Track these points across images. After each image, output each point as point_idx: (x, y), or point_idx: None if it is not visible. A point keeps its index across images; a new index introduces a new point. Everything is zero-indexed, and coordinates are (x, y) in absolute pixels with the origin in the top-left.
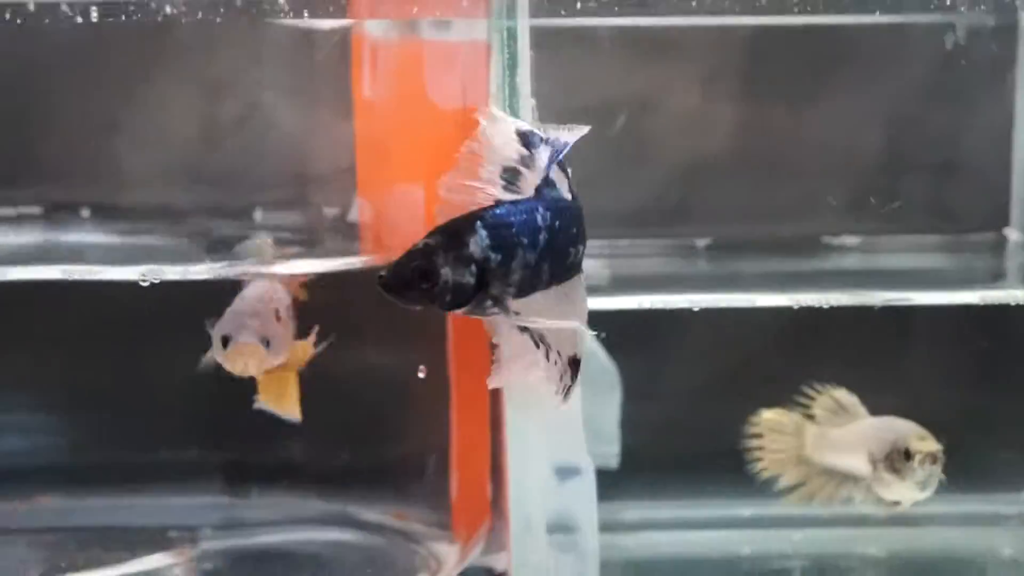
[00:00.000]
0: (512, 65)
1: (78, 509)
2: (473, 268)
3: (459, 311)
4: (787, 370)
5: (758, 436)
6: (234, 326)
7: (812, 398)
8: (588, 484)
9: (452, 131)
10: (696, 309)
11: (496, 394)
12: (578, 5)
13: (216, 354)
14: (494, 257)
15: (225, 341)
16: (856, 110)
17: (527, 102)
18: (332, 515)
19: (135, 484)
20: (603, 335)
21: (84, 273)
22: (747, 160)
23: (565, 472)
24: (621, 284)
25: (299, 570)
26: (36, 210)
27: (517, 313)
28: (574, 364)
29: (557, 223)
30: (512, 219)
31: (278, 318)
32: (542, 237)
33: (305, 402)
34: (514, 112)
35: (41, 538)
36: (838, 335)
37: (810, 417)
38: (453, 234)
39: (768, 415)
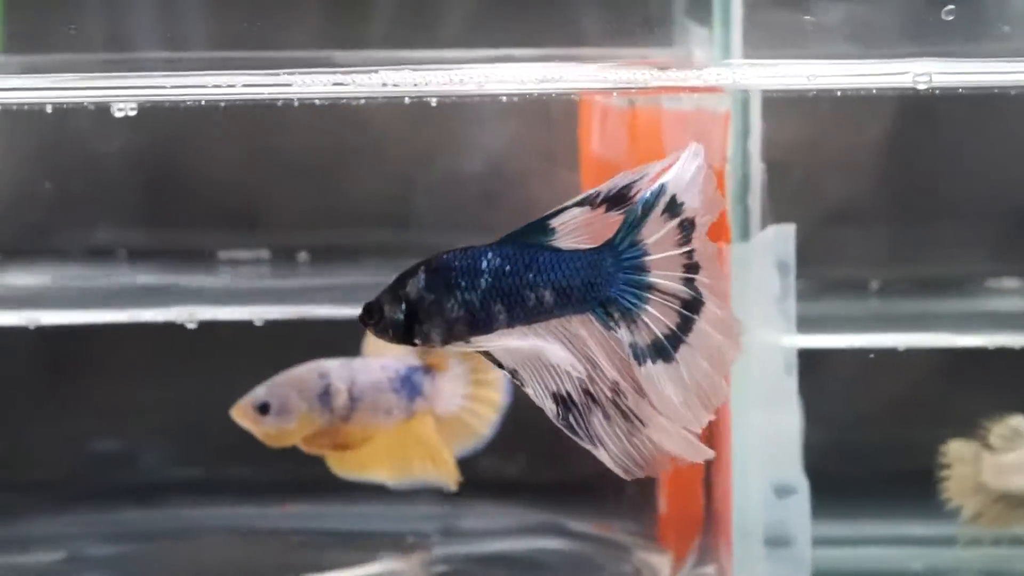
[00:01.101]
0: (745, 132)
1: (322, 514)
2: (403, 306)
3: (413, 343)
4: (962, 403)
5: (945, 466)
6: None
7: (988, 428)
8: (804, 502)
9: None
10: (888, 348)
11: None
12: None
13: None
14: (427, 297)
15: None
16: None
17: (758, 166)
18: (543, 525)
19: (366, 493)
20: None
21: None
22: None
23: (783, 490)
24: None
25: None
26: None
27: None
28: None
29: (507, 268)
30: (454, 264)
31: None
32: (483, 280)
33: (518, 418)
34: (747, 176)
35: (288, 540)
36: (1003, 372)
37: (987, 446)
38: (401, 277)
39: (951, 445)
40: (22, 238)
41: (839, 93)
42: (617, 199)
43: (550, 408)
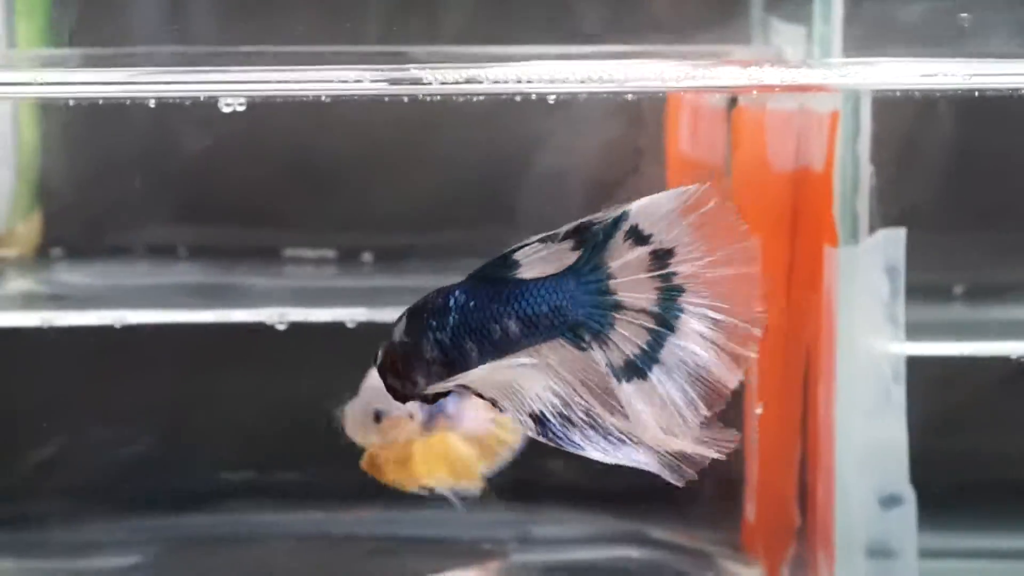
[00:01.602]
0: (855, 133)
1: (394, 520)
2: (396, 350)
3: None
4: None
5: None
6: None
7: None
8: (910, 513)
9: (785, 190)
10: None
11: (812, 423)
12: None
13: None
14: (406, 341)
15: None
16: None
17: (867, 168)
18: (622, 532)
19: (439, 498)
20: None
21: None
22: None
23: (889, 501)
24: None
25: None
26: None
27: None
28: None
29: (472, 303)
30: (427, 305)
31: None
32: (451, 318)
33: None
34: (856, 178)
35: (361, 546)
36: None
37: None
38: (397, 321)
39: None
40: (94, 235)
41: (948, 93)
42: (579, 233)
43: (529, 426)
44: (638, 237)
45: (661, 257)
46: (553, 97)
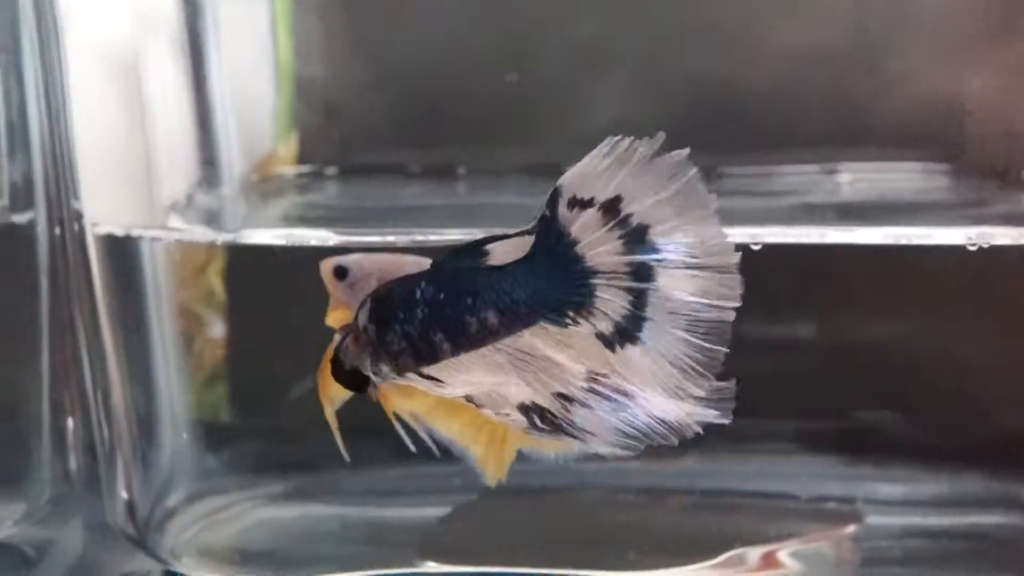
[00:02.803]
0: None
1: (714, 472)
2: (360, 336)
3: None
4: None
5: None
6: None
7: None
8: None
9: None
10: None
11: None
12: None
13: None
14: (371, 328)
15: None
16: None
17: None
18: (990, 494)
19: (769, 445)
20: None
21: None
22: None
23: None
24: None
25: (976, 555)
26: None
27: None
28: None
29: (442, 295)
30: (393, 294)
31: None
32: (420, 311)
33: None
34: None
35: (678, 501)
36: None
37: None
38: (361, 305)
39: None
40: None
41: None
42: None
43: (520, 420)
44: (581, 204)
45: (611, 209)
46: None
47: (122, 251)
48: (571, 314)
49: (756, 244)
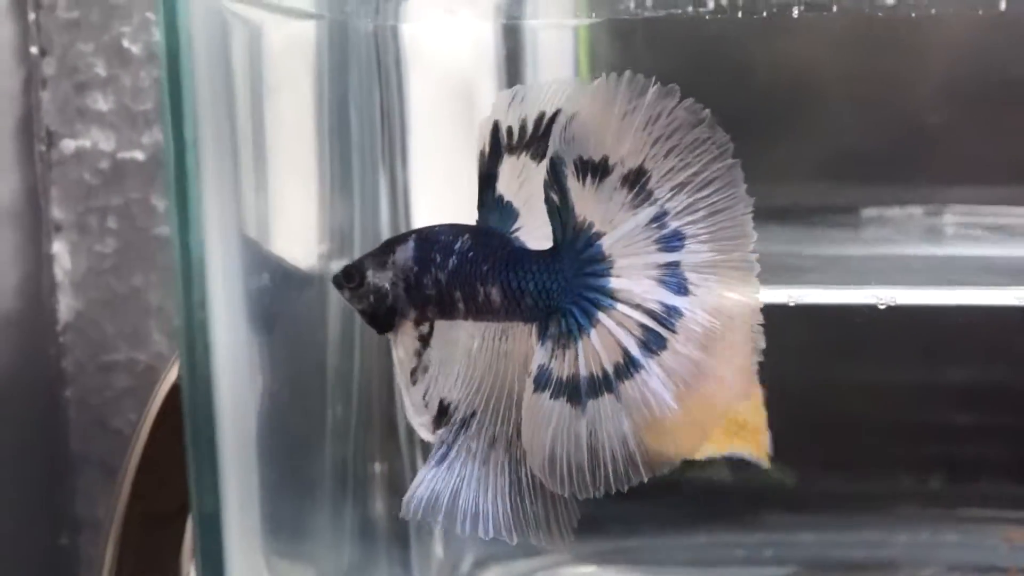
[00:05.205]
0: None
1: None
2: (391, 275)
3: (389, 314)
4: None
5: None
6: None
7: None
8: None
9: None
10: None
11: None
12: None
13: None
14: (413, 268)
15: None
16: None
17: None
18: None
19: None
20: None
21: None
22: None
23: None
24: None
25: None
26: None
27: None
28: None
29: (471, 253)
30: (439, 237)
31: None
32: (452, 260)
33: None
34: None
35: None
36: None
37: None
38: (389, 242)
39: None
40: None
41: None
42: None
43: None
44: (593, 169)
45: (636, 182)
46: None
47: None
48: (557, 334)
49: None
